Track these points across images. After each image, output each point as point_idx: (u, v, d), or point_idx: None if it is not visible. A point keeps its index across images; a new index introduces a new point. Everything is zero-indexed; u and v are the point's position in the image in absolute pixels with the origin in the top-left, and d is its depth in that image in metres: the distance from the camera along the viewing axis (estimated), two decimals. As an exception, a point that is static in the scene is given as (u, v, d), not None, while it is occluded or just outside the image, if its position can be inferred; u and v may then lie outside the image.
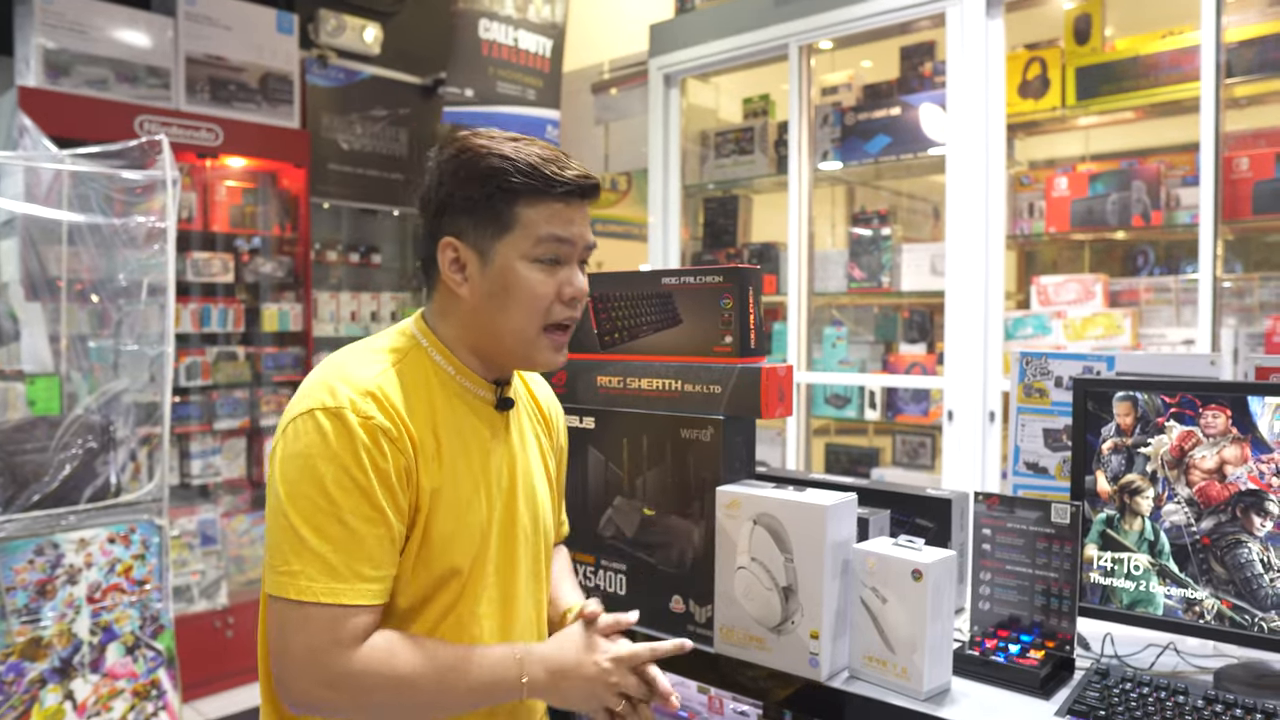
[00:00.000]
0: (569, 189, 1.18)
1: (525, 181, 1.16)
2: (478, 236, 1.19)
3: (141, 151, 2.79)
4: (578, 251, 1.22)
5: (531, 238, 1.17)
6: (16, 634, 2.26)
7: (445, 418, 1.20)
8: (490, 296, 1.19)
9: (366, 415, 1.11)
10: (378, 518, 1.10)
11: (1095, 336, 3.02)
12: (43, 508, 2.43)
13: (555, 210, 1.18)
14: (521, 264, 1.18)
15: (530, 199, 1.17)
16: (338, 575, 1.08)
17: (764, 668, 1.38)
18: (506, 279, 1.18)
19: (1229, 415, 1.31)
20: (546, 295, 1.19)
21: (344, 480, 1.09)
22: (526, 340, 1.21)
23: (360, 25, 4.84)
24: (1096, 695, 1.22)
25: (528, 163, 1.17)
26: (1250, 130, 2.88)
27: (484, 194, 1.17)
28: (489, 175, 1.16)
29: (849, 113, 3.58)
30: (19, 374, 2.99)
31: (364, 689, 1.08)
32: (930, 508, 1.62)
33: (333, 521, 1.08)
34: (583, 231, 1.22)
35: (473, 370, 1.25)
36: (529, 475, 1.32)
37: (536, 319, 1.20)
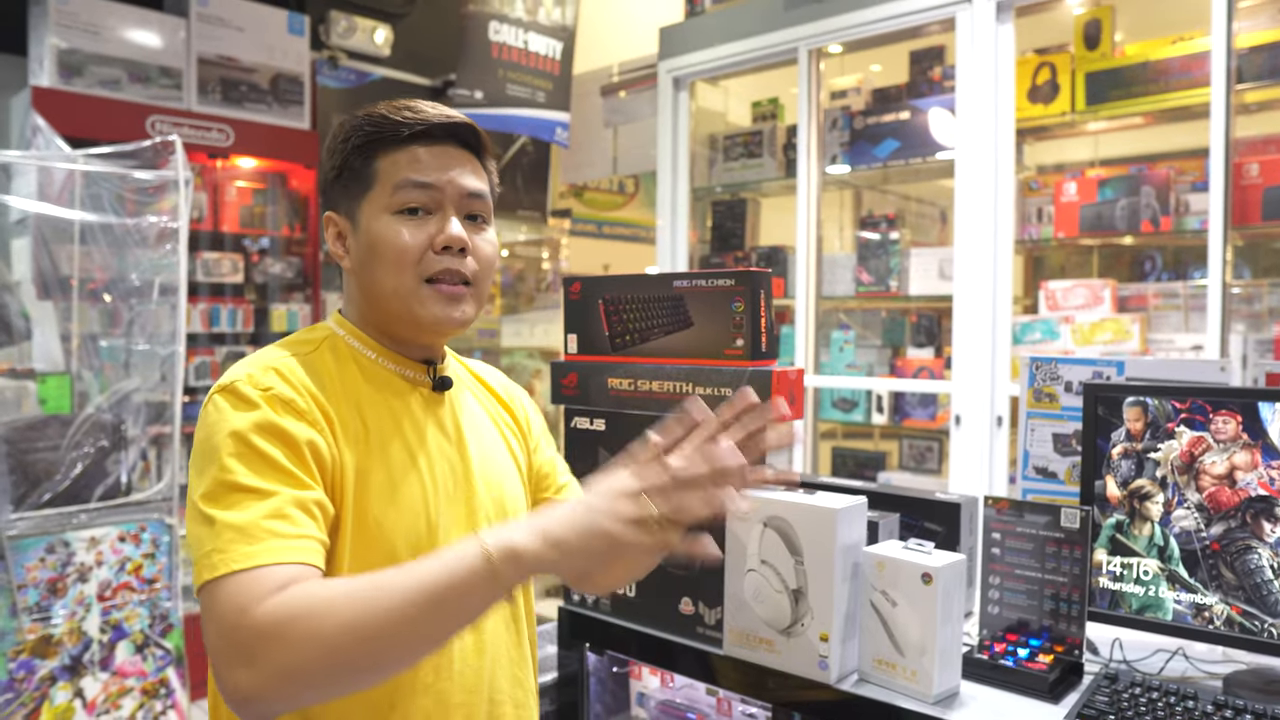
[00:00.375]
0: (422, 129, 1.12)
1: (375, 130, 1.11)
2: (347, 203, 1.14)
3: (154, 152, 2.81)
4: (449, 199, 1.12)
5: (388, 188, 1.11)
6: (28, 631, 2.28)
7: (371, 400, 1.12)
8: (363, 261, 1.13)
9: (265, 387, 1.02)
10: (286, 479, 0.98)
11: (1103, 342, 3.01)
12: (54, 506, 2.45)
13: (413, 154, 1.11)
14: (383, 218, 1.11)
15: (385, 148, 1.12)
16: (250, 537, 0.91)
17: (773, 670, 1.38)
18: (371, 237, 1.11)
19: (1240, 421, 1.31)
20: (413, 247, 1.10)
21: (244, 449, 0.97)
22: (404, 295, 1.11)
23: (371, 27, 4.86)
24: (1106, 700, 1.22)
25: (378, 113, 1.12)
26: (1260, 136, 2.87)
27: (344, 158, 1.13)
28: (346, 137, 1.13)
29: (858, 116, 3.59)
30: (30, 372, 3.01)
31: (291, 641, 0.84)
32: (939, 512, 1.62)
33: (235, 490, 0.95)
34: (452, 177, 1.12)
35: (394, 351, 1.17)
36: (488, 459, 1.23)
37: (408, 273, 1.10)
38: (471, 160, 1.16)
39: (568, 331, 1.70)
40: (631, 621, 1.59)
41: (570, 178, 5.53)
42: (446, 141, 1.14)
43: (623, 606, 1.60)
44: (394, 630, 0.85)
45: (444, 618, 0.87)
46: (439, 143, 1.13)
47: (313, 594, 0.87)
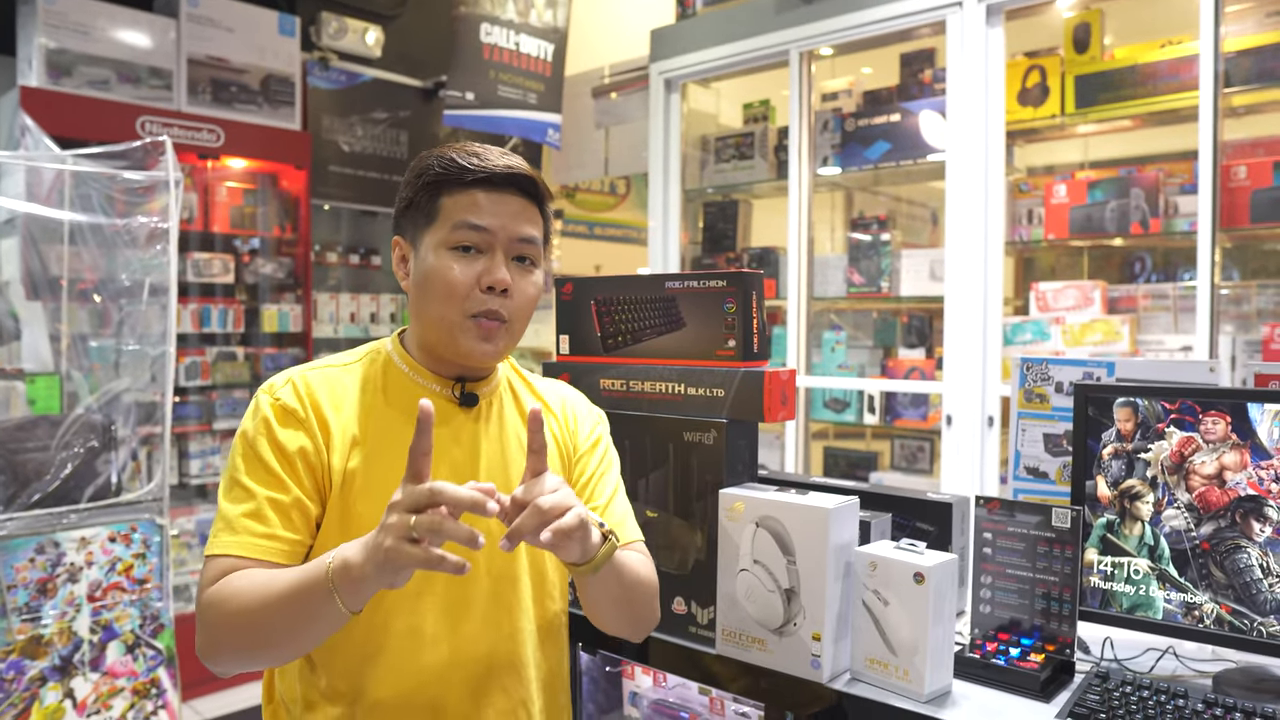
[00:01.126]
0: (484, 176, 1.22)
1: (443, 172, 1.22)
2: (412, 231, 1.26)
3: (144, 152, 2.80)
4: (500, 242, 1.23)
5: (448, 225, 1.22)
6: (17, 632, 2.26)
7: (384, 409, 1.25)
8: (417, 287, 1.25)
9: (276, 397, 1.21)
10: (273, 482, 1.17)
11: (1094, 343, 3.03)
12: (44, 506, 2.44)
13: (473, 199, 1.22)
14: (439, 252, 1.22)
15: (450, 189, 1.23)
16: (232, 529, 1.15)
17: (766, 669, 1.39)
18: (426, 267, 1.23)
19: (1229, 421, 1.32)
20: (462, 283, 1.21)
21: (247, 449, 1.19)
22: (449, 326, 1.22)
23: (362, 28, 4.85)
24: (1097, 698, 1.23)
25: (449, 156, 1.24)
26: (1248, 139, 2.89)
27: (414, 190, 1.25)
28: (419, 173, 1.25)
29: (849, 119, 3.60)
30: (20, 373, 3.00)
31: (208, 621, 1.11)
32: (931, 512, 1.63)
33: (235, 485, 1.18)
34: (505, 223, 1.23)
35: (427, 368, 1.29)
36: (507, 477, 1.29)
37: (455, 306, 1.21)
38: (528, 208, 1.26)
39: (560, 332, 1.70)
40: (624, 622, 1.59)
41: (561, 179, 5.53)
42: (506, 189, 1.24)
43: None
44: (263, 622, 1.07)
45: (296, 616, 1.05)
46: (499, 189, 1.24)
47: (231, 585, 1.10)
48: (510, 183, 1.24)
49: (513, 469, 1.31)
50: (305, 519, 1.19)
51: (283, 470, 1.18)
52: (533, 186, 1.26)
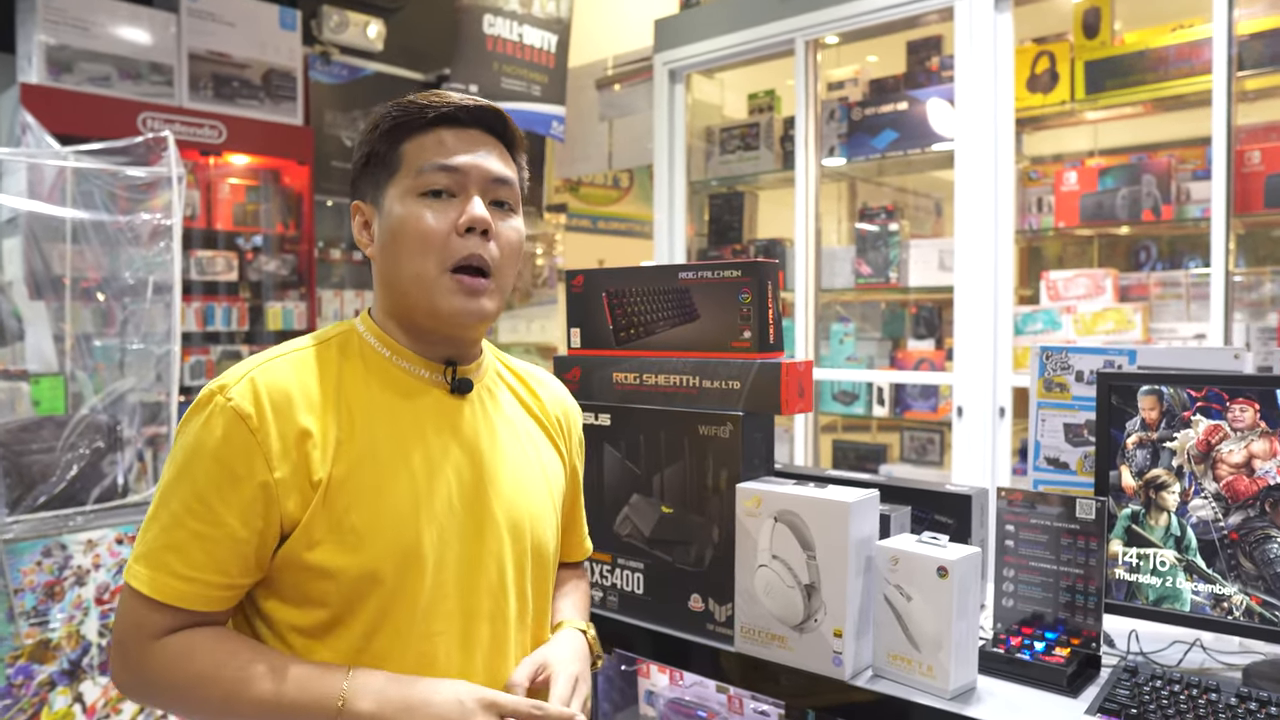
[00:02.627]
0: (447, 112, 1.11)
1: (401, 115, 1.11)
2: (373, 189, 1.13)
3: (146, 148, 2.77)
4: (474, 182, 1.10)
5: (412, 171, 1.10)
6: (25, 636, 2.24)
7: (369, 402, 1.09)
8: (385, 247, 1.11)
9: (229, 398, 1.01)
10: (203, 513, 1.00)
11: (1105, 331, 3.00)
12: (50, 509, 2.41)
13: (439, 138, 1.10)
14: (407, 201, 1.09)
15: (411, 133, 1.11)
16: (150, 562, 1.01)
17: (786, 667, 1.36)
18: (394, 221, 1.09)
19: (1257, 409, 1.29)
20: (437, 230, 1.08)
21: (182, 461, 1.02)
22: (426, 284, 1.08)
23: (363, 21, 4.82)
24: (1127, 693, 1.20)
25: (408, 100, 1.12)
26: (1262, 124, 2.86)
27: (371, 144, 1.12)
28: (374, 125, 1.13)
29: (855, 108, 3.56)
30: (24, 374, 2.98)
31: (154, 686, 1.02)
32: (949, 504, 1.60)
33: (162, 502, 1.02)
34: (476, 160, 1.11)
35: (410, 350, 1.13)
36: (509, 472, 1.17)
37: (431, 258, 1.08)
38: (499, 147, 1.15)
39: (570, 325, 1.67)
40: (640, 619, 1.57)
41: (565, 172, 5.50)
42: (473, 127, 1.13)
43: (631, 604, 1.58)
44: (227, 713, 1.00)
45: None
46: (466, 128, 1.12)
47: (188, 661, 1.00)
48: (477, 120, 1.13)
49: (519, 470, 1.19)
50: (239, 559, 1.01)
51: (216, 499, 1.00)
52: (502, 124, 1.15)
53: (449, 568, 1.08)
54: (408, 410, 1.10)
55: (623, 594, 1.59)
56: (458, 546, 1.10)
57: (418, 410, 1.11)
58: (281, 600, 1.05)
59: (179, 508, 1.00)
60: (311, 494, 1.02)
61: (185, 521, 1.00)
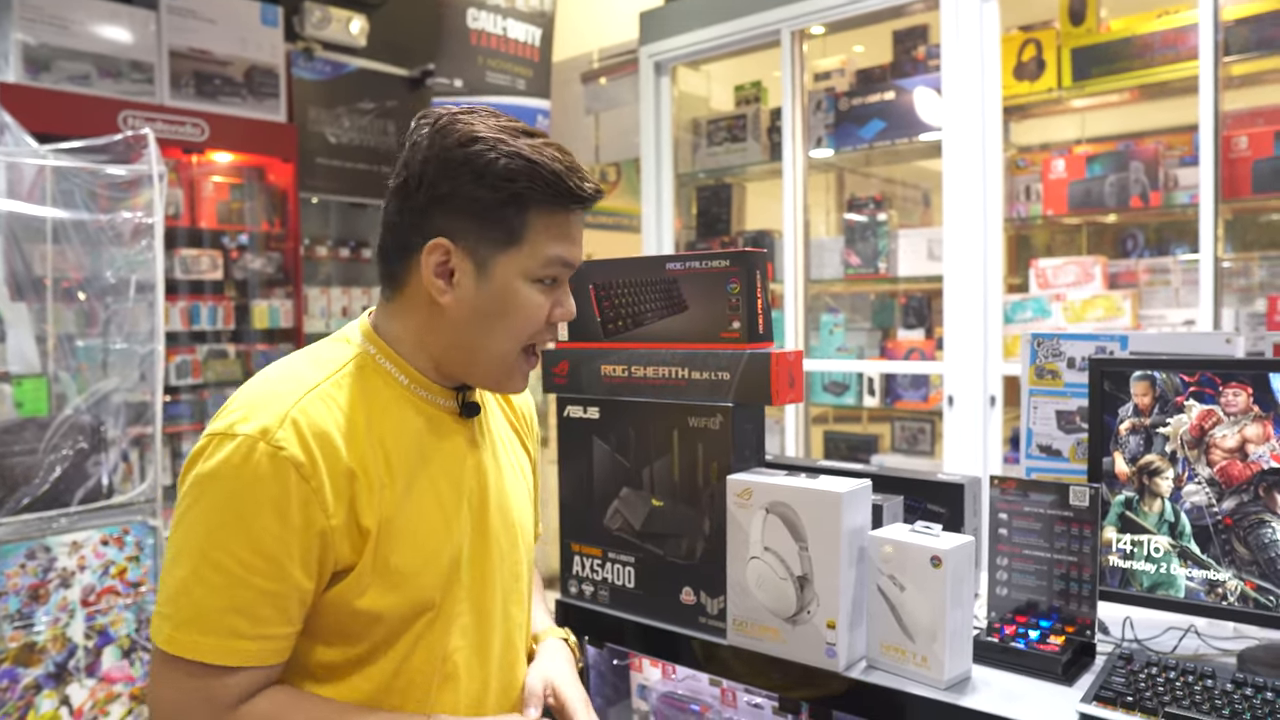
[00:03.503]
0: (582, 203, 1.09)
1: (546, 192, 1.04)
2: (479, 244, 1.04)
3: (126, 146, 2.74)
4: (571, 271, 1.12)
5: (540, 256, 1.06)
6: (10, 639, 2.22)
7: (398, 437, 1.07)
8: (481, 313, 1.06)
9: (278, 445, 0.96)
10: (267, 570, 0.95)
11: (1095, 319, 3.00)
12: (33, 510, 2.39)
13: (566, 226, 1.08)
14: (523, 283, 1.07)
15: (545, 211, 1.05)
16: (207, 627, 0.94)
17: (779, 659, 1.35)
18: (506, 296, 1.06)
19: (1250, 393, 1.28)
20: (541, 319, 1.09)
21: (234, 520, 0.95)
22: (506, 363, 1.10)
23: (346, 17, 4.78)
24: (1122, 681, 1.19)
25: (551, 170, 1.03)
26: (1248, 109, 2.86)
27: (496, 199, 1.03)
28: (507, 179, 1.02)
29: (842, 98, 3.55)
30: (5, 375, 2.94)
31: None
32: (942, 493, 1.59)
33: (210, 563, 0.94)
34: (581, 251, 1.13)
35: (429, 379, 1.12)
36: (503, 488, 1.21)
37: (522, 341, 1.10)
38: None
39: (558, 318, 1.65)
40: (632, 613, 1.55)
41: (552, 167, 5.46)
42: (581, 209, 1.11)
43: (622, 598, 1.57)
44: None
45: None
46: (582, 211, 1.11)
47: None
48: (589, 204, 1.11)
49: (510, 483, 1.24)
50: (304, 606, 1.00)
51: (281, 553, 0.95)
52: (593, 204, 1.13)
53: (464, 585, 1.13)
54: (429, 439, 1.12)
55: (613, 588, 1.57)
56: (471, 564, 1.14)
57: (441, 440, 1.14)
58: (313, 638, 1.04)
59: (241, 570, 0.94)
60: (361, 539, 1.01)
61: (249, 580, 0.94)
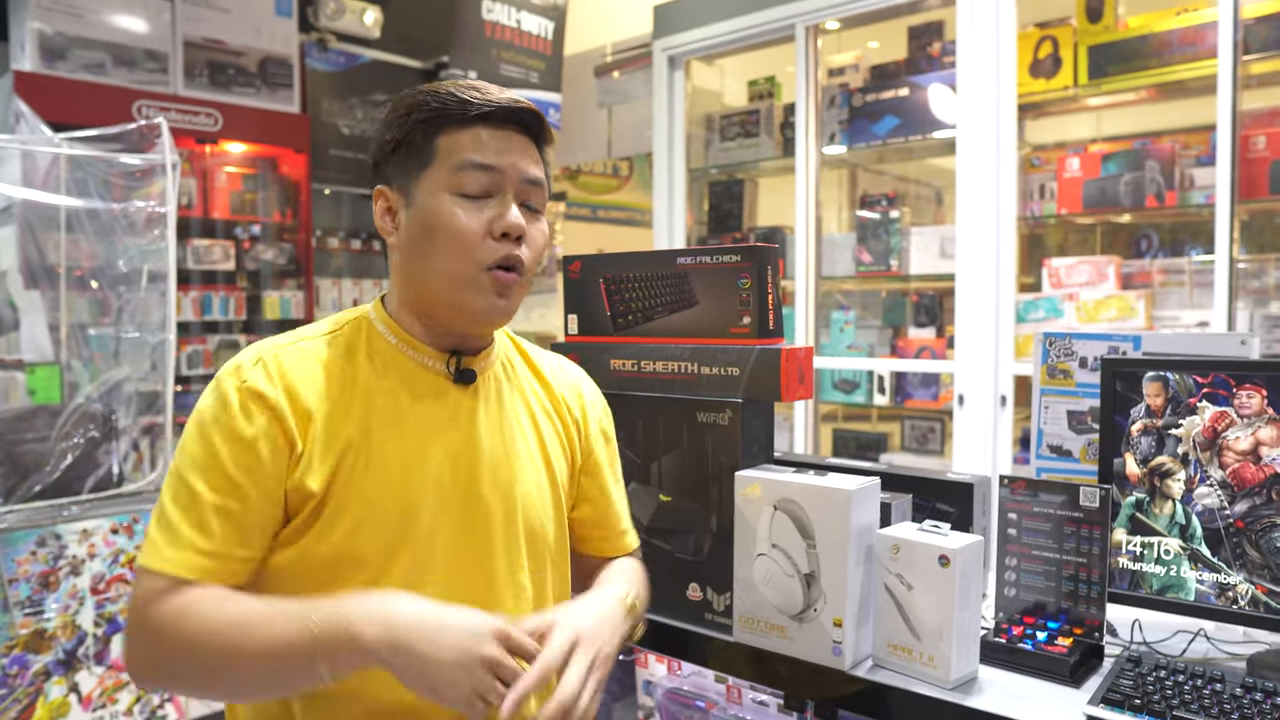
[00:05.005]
0: (489, 111, 1.10)
1: (441, 107, 1.09)
2: (401, 177, 1.12)
3: (140, 135, 2.75)
4: (511, 184, 1.11)
5: (450, 166, 1.09)
6: (20, 626, 2.23)
7: (373, 390, 1.11)
8: (414, 239, 1.11)
9: (244, 379, 1.05)
10: (227, 487, 1.01)
11: (1108, 319, 2.98)
12: (44, 498, 2.40)
13: (477, 135, 1.10)
14: (442, 197, 1.09)
15: (450, 127, 1.10)
16: (173, 540, 1.00)
17: (785, 656, 1.35)
18: (426, 216, 1.09)
19: (1265, 395, 1.27)
20: (472, 230, 1.08)
21: (202, 442, 1.03)
22: (459, 283, 1.09)
23: (360, 8, 4.78)
24: (1130, 683, 1.18)
25: (446, 90, 1.11)
26: (1267, 109, 2.83)
27: (404, 131, 1.11)
28: (409, 110, 1.11)
29: (856, 94, 3.53)
30: (19, 363, 2.96)
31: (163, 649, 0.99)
32: (951, 492, 1.58)
33: (183, 485, 1.02)
34: (515, 161, 1.11)
35: (419, 339, 1.15)
36: (507, 463, 1.17)
37: (465, 258, 1.08)
38: (532, 148, 1.15)
39: (568, 312, 1.65)
40: (638, 608, 1.55)
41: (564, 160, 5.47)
42: (509, 125, 1.12)
43: (628, 593, 1.56)
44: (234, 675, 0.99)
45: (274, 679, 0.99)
46: (502, 126, 1.12)
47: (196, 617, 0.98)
48: (514, 119, 1.12)
49: (516, 459, 1.19)
50: (261, 532, 1.04)
51: (240, 473, 1.02)
52: (537, 123, 1.15)
53: (436, 558, 1.10)
54: (408, 399, 1.12)
55: (620, 583, 1.57)
56: (445, 536, 1.11)
57: (417, 398, 1.13)
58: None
59: (206, 488, 1.01)
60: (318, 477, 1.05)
61: (208, 497, 1.01)
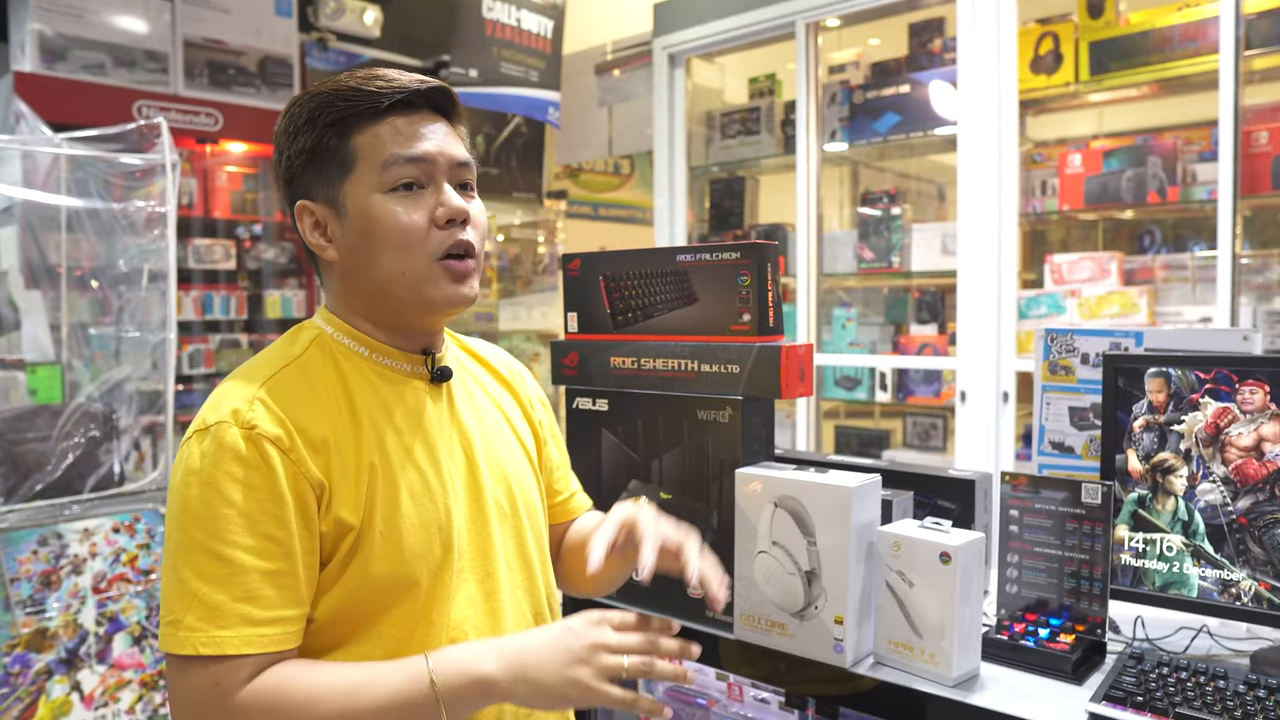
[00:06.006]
0: (401, 97, 1.04)
1: (348, 105, 1.03)
2: (324, 187, 1.05)
3: (140, 135, 2.74)
4: (441, 170, 1.06)
5: (374, 165, 1.03)
6: (21, 625, 2.23)
7: (371, 408, 1.05)
8: (355, 247, 1.05)
9: (250, 425, 0.96)
10: (269, 550, 0.94)
11: (1110, 315, 2.97)
12: (45, 497, 2.40)
13: (394, 128, 1.03)
14: (375, 199, 1.03)
15: (362, 124, 1.03)
16: (220, 620, 0.91)
17: (786, 654, 1.34)
18: (363, 222, 1.03)
19: (1268, 391, 1.27)
20: (416, 225, 1.03)
21: (221, 506, 0.93)
22: (415, 278, 1.04)
23: (360, 8, 4.78)
24: (1132, 680, 1.18)
25: (348, 88, 1.03)
26: (1269, 104, 2.82)
27: (314, 137, 1.04)
28: (314, 114, 1.03)
29: (857, 91, 3.53)
30: (20, 363, 2.96)
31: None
32: (953, 489, 1.58)
33: (210, 556, 0.92)
34: (440, 146, 1.05)
35: (388, 344, 1.10)
36: (492, 449, 1.16)
37: (415, 255, 1.04)
38: (449, 126, 1.10)
39: (567, 310, 1.65)
40: (638, 606, 1.55)
41: (565, 158, 5.46)
42: (423, 109, 1.07)
43: (628, 591, 1.56)
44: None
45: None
46: (416, 111, 1.06)
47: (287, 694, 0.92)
48: (426, 101, 1.06)
49: (501, 444, 1.18)
50: (309, 584, 0.97)
51: (276, 527, 0.94)
52: (448, 101, 1.09)
53: (465, 555, 1.09)
54: (400, 407, 1.09)
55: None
56: (468, 533, 1.10)
57: (407, 405, 1.10)
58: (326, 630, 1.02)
59: (237, 552, 0.93)
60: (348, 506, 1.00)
61: (252, 563, 0.93)
